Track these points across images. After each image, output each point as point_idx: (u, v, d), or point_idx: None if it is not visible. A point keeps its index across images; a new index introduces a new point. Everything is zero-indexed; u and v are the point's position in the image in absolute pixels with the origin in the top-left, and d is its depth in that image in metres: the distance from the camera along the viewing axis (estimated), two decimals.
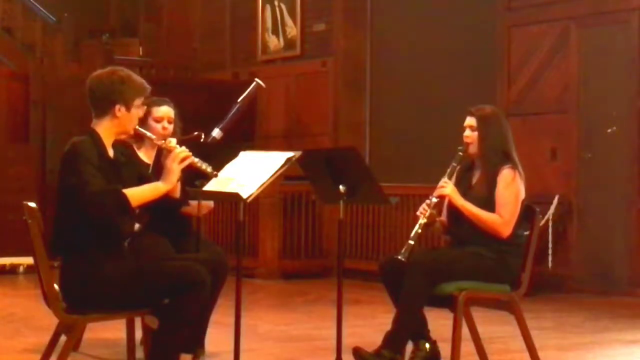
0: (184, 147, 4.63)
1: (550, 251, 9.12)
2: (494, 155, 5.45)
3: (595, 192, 9.34)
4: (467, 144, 5.50)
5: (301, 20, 12.05)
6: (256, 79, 6.46)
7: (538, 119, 9.68)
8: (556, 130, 9.57)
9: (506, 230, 5.34)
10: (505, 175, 5.39)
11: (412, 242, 5.32)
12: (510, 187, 5.37)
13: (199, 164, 4.67)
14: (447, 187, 5.44)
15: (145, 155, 5.70)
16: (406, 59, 11.23)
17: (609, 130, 9.21)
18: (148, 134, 4.83)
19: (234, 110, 6.24)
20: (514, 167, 5.43)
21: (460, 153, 5.52)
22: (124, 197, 4.40)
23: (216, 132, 6.12)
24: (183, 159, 4.58)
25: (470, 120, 5.53)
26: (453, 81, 10.59)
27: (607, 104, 9.29)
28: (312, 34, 11.96)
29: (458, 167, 5.53)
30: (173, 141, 4.66)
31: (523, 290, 5.37)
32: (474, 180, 5.55)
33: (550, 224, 9.10)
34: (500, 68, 10.04)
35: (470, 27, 10.50)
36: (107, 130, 4.57)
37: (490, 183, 5.41)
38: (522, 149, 9.70)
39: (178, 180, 4.60)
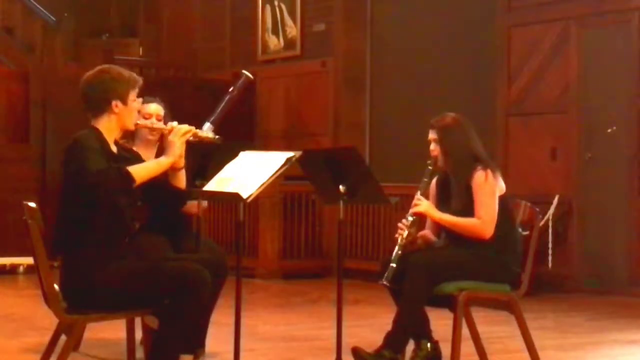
0: (184, 125, 4.64)
1: (550, 251, 9.12)
2: (462, 165, 5.41)
3: (595, 192, 9.34)
4: (435, 157, 5.49)
5: (301, 20, 12.05)
6: (243, 71, 6.39)
7: (538, 119, 9.68)
8: (556, 130, 9.57)
9: (488, 231, 5.32)
10: (477, 178, 5.35)
11: (393, 265, 5.30)
12: (484, 188, 5.33)
13: (200, 134, 4.70)
14: (422, 204, 5.43)
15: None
16: (406, 58, 11.23)
17: (609, 130, 9.20)
18: (149, 122, 4.80)
19: (223, 103, 6.20)
20: (484, 166, 5.38)
21: (430, 167, 5.50)
22: (127, 173, 4.39)
23: (207, 127, 6.08)
24: (185, 133, 4.60)
25: (432, 134, 5.51)
26: (453, 81, 10.59)
27: (607, 104, 9.29)
28: (312, 34, 11.95)
29: (430, 182, 5.50)
30: (174, 123, 4.68)
31: (523, 290, 5.37)
32: (454, 191, 5.52)
33: (550, 224, 9.10)
34: (500, 68, 10.03)
35: (470, 27, 10.50)
36: (107, 128, 4.58)
37: (466, 192, 5.38)
38: (522, 149, 9.78)
39: (181, 157, 4.60)
